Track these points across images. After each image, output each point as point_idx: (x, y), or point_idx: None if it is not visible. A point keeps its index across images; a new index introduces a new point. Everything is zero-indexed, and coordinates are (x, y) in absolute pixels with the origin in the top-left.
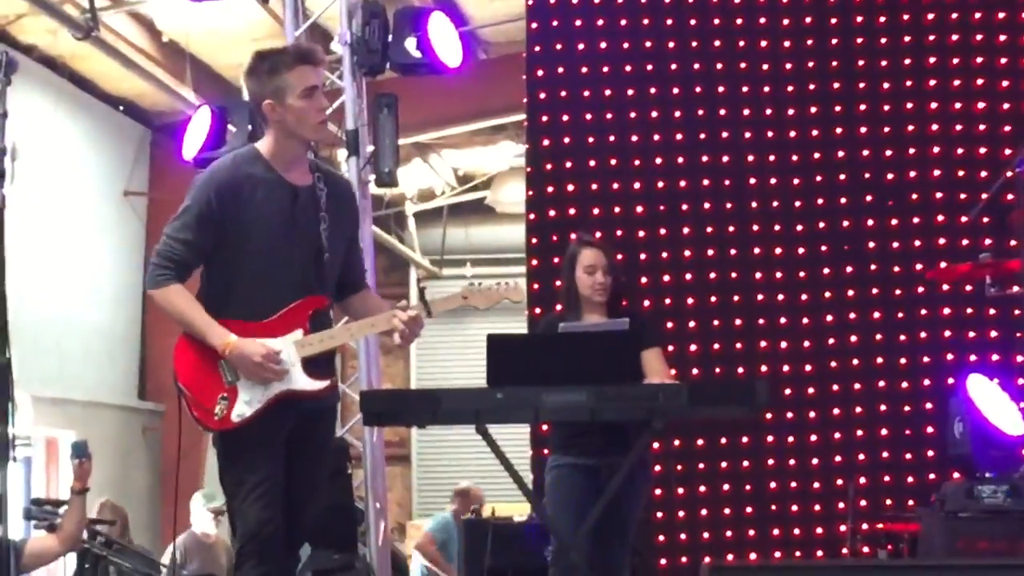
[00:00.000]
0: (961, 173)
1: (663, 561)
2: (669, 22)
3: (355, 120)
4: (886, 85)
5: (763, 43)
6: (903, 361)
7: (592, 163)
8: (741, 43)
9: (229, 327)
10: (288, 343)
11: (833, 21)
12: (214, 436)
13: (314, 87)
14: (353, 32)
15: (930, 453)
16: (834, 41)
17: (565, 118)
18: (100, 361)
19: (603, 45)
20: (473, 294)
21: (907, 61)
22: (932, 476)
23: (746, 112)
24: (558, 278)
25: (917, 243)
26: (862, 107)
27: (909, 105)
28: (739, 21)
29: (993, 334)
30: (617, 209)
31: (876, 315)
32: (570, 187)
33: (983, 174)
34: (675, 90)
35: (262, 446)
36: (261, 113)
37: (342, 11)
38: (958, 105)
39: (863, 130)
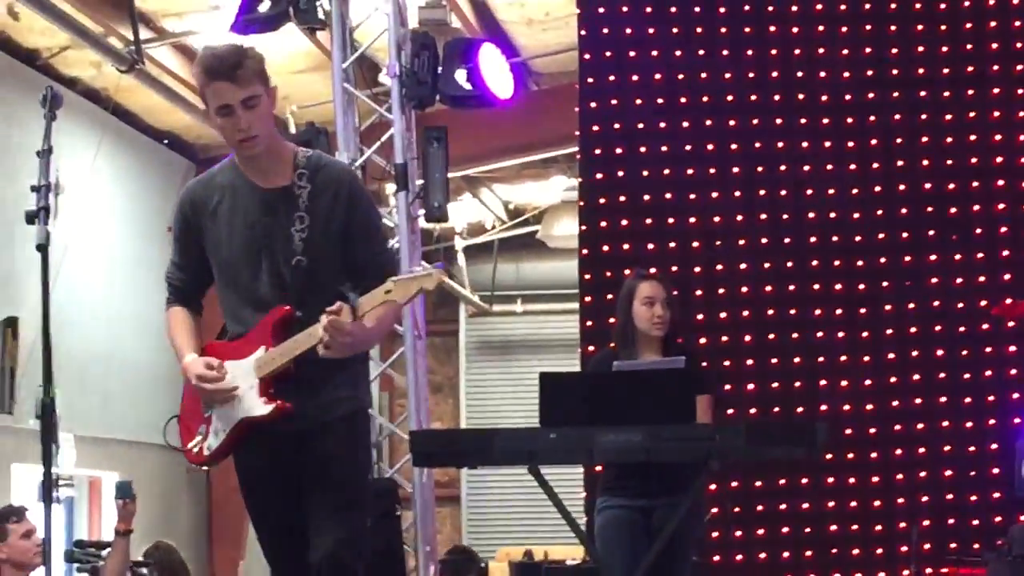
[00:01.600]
0: (999, 207)
1: None
2: (725, 53)
3: (404, 153)
4: (948, 116)
5: (821, 73)
6: (968, 400)
7: (647, 197)
8: (799, 73)
9: (215, 348)
10: (249, 364)
11: (894, 51)
12: None
13: (226, 106)
14: (402, 64)
15: (996, 495)
16: (895, 71)
17: (619, 151)
18: (144, 400)
19: (657, 76)
20: (395, 286)
21: (970, 92)
22: (998, 519)
23: (804, 145)
24: (611, 315)
25: (981, 279)
26: (924, 139)
27: (972, 137)
28: (797, 52)
29: None
30: (672, 244)
31: (939, 352)
32: (624, 222)
33: None
34: (731, 122)
35: (248, 483)
36: None
37: (391, 42)
38: (1022, 137)
39: (925, 163)
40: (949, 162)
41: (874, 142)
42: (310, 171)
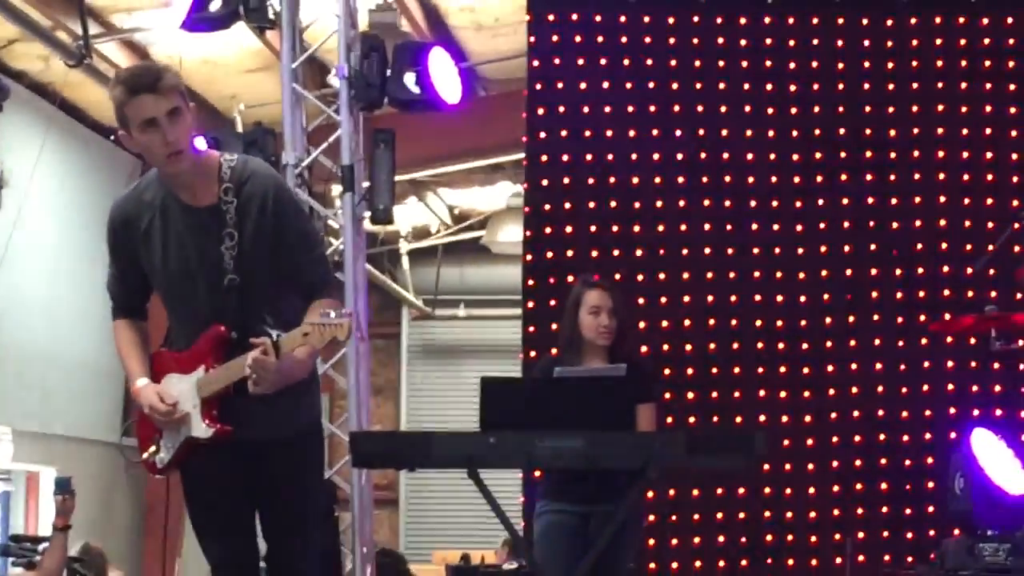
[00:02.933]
0: (967, 224)
1: None
2: (673, 63)
3: (351, 155)
4: (892, 132)
5: (768, 86)
6: (905, 414)
7: (592, 205)
8: (746, 86)
9: (162, 358)
10: (191, 383)
11: (840, 66)
12: None
13: (151, 119)
14: (351, 66)
15: (930, 509)
16: (840, 86)
17: (565, 158)
18: (84, 396)
19: (605, 85)
20: (312, 330)
21: (915, 108)
22: (932, 532)
23: (749, 156)
24: (553, 321)
25: (921, 294)
26: (868, 154)
27: (916, 153)
28: (744, 63)
29: (997, 388)
30: (616, 252)
31: (878, 366)
32: (568, 228)
33: (990, 225)
34: (678, 132)
35: (195, 493)
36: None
37: (341, 44)
38: (965, 155)
39: (868, 178)
40: (892, 177)
41: (818, 155)
42: (235, 184)
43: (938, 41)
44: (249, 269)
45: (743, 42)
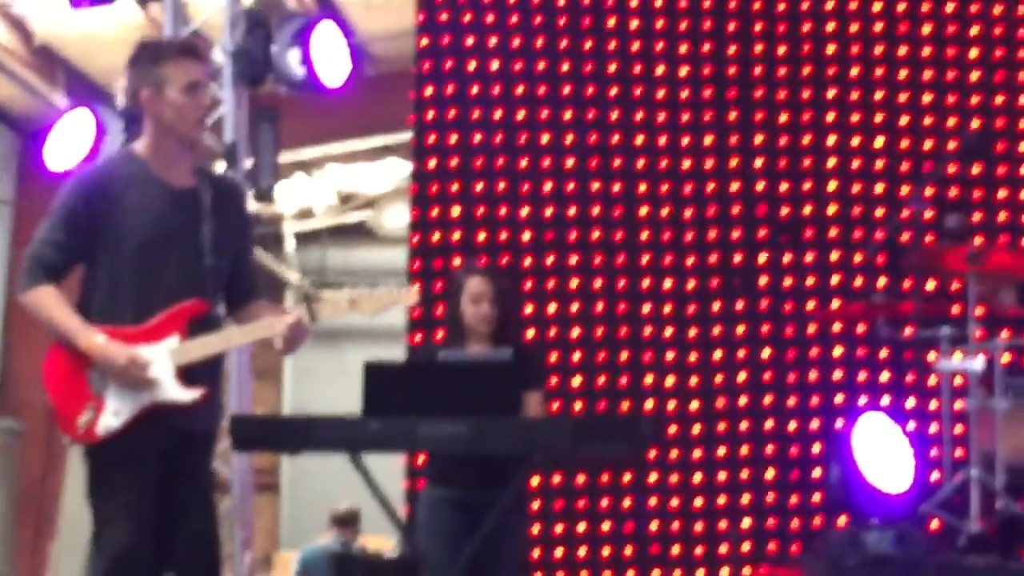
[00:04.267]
0: (857, 210)
1: None
2: (563, 44)
3: (234, 132)
4: (784, 117)
5: (659, 70)
6: (792, 402)
7: (479, 186)
8: (637, 68)
9: (120, 333)
10: (163, 350)
11: (732, 50)
12: (84, 453)
13: (196, 82)
14: (235, 41)
15: (816, 497)
16: (732, 70)
17: (453, 139)
18: None
19: (495, 65)
20: (363, 298)
21: (806, 94)
22: (818, 521)
23: (639, 140)
24: (440, 304)
25: (810, 281)
26: (758, 139)
27: (807, 139)
28: (635, 46)
29: (884, 377)
30: (504, 235)
31: (766, 353)
32: (455, 210)
33: (879, 212)
34: (567, 114)
35: (132, 465)
36: (139, 105)
37: (225, 18)
38: (856, 141)
39: (758, 163)
40: (783, 163)
41: (708, 140)
42: (208, 178)
43: (830, 27)
44: (219, 257)
45: (634, 23)
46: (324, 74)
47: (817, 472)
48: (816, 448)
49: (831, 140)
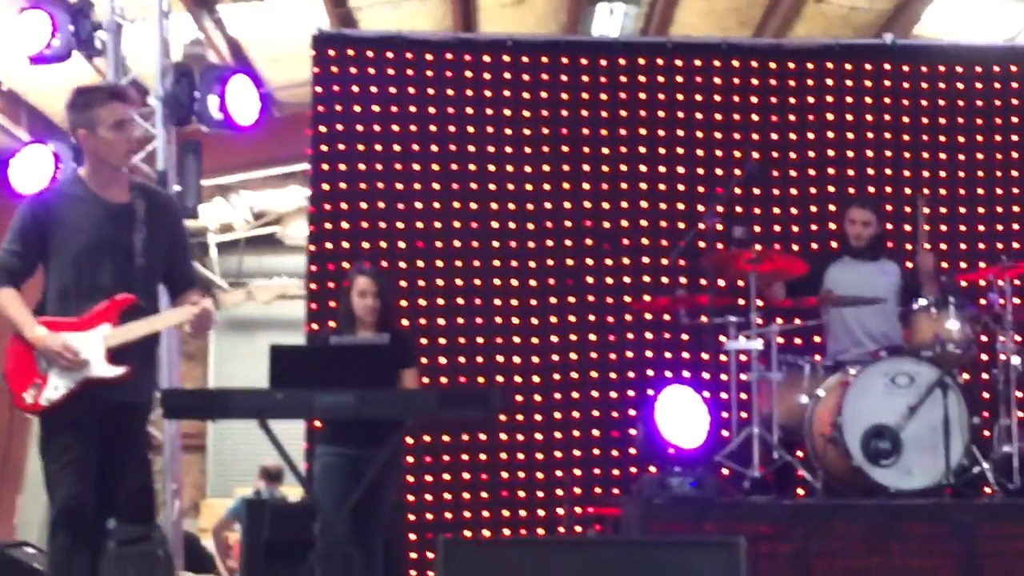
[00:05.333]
0: (663, 224)
1: (412, 536)
2: (430, 91)
3: (164, 162)
4: (605, 151)
5: (506, 112)
6: (613, 376)
7: (364, 205)
8: (488, 111)
9: (48, 324)
10: (96, 336)
11: (564, 96)
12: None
13: (123, 121)
14: (165, 88)
15: (632, 451)
16: (564, 112)
17: (342, 167)
18: None
19: (376, 108)
20: (257, 290)
21: (623, 131)
22: (634, 470)
23: (491, 168)
24: (332, 299)
25: (627, 279)
26: (585, 167)
27: (623, 168)
28: (487, 93)
29: (685, 355)
30: (384, 244)
31: (592, 337)
32: (344, 224)
33: (681, 225)
34: (433, 147)
35: (73, 428)
36: (78, 141)
37: (157, 70)
38: (663, 168)
39: (586, 186)
40: (605, 186)
41: (546, 168)
42: (143, 193)
43: (641, 78)
44: (149, 259)
45: (506, 58)
46: (238, 116)
47: (633, 431)
48: (632, 412)
49: (643, 168)
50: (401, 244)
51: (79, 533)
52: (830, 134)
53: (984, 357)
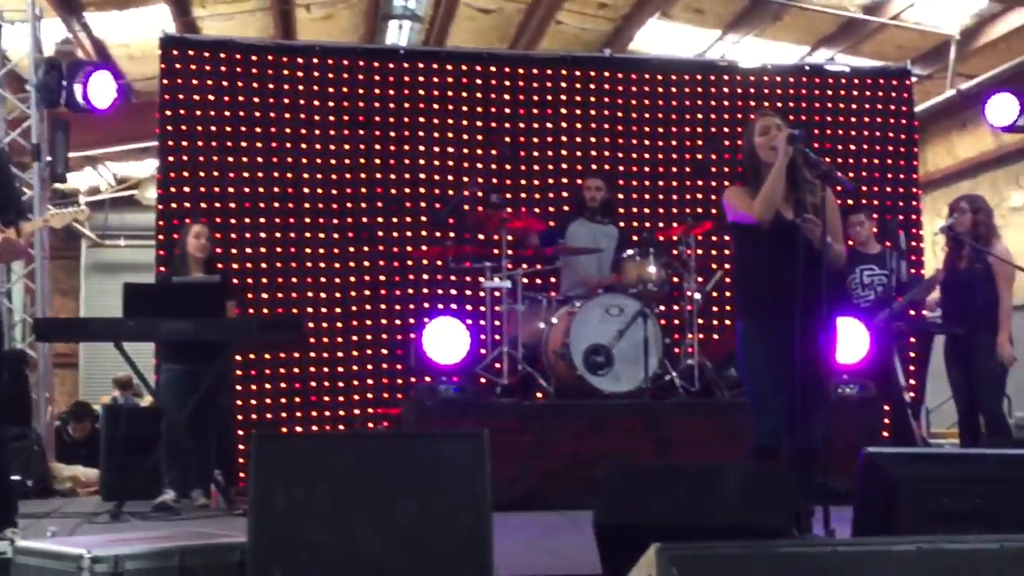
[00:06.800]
0: (436, 191)
1: (240, 432)
2: (255, 85)
3: (38, 137)
4: (393, 134)
5: (316, 102)
6: (397, 307)
7: (201, 174)
8: (316, 102)
9: None
10: None
11: (361, 91)
12: None
13: None
14: (38, 78)
15: (411, 363)
16: (361, 104)
17: (185, 143)
18: None
19: (211, 98)
20: (53, 216)
21: (406, 119)
22: (413, 379)
23: (303, 146)
24: (177, 248)
25: (408, 234)
26: (377, 147)
27: (407, 147)
28: (300, 74)
29: (453, 292)
30: (217, 204)
31: (381, 278)
32: (186, 188)
33: (451, 192)
34: (257, 129)
35: None
36: None
37: (31, 62)
38: (437, 149)
39: (377, 161)
40: (392, 161)
41: (347, 147)
42: None
43: (421, 79)
44: None
45: (300, 74)
46: (97, 102)
47: (400, 352)
48: (412, 335)
49: (422, 148)
50: (232, 205)
51: None
52: (564, 124)
53: (675, 294)
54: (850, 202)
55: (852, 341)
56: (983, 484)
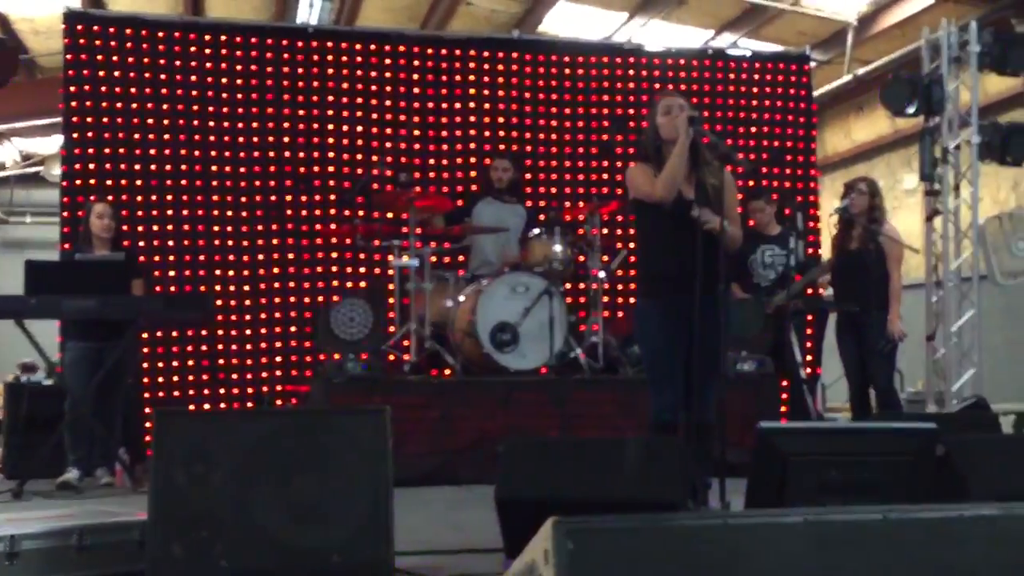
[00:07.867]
0: (345, 170)
1: (148, 410)
2: (162, 62)
3: None
4: (302, 112)
5: (224, 80)
6: (306, 285)
7: (107, 151)
8: (208, 64)
9: None
10: None
11: (270, 69)
12: None
13: None
14: None
15: (320, 342)
16: (269, 82)
17: (89, 119)
18: None
19: (117, 74)
20: None
21: (315, 98)
22: (321, 357)
23: (211, 123)
24: (81, 225)
25: (317, 212)
26: (286, 125)
27: (316, 126)
28: (208, 51)
29: (363, 270)
30: (124, 181)
31: (290, 256)
32: (91, 166)
33: (359, 171)
34: (164, 106)
35: None
36: None
37: None
38: (346, 127)
39: (286, 139)
40: (301, 140)
41: (255, 124)
42: None
43: (330, 57)
44: None
45: (208, 51)
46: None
47: (294, 328)
48: (320, 313)
49: (331, 127)
50: (138, 182)
51: None
52: (472, 104)
53: (580, 272)
54: (751, 183)
55: (750, 318)
56: (870, 457)
